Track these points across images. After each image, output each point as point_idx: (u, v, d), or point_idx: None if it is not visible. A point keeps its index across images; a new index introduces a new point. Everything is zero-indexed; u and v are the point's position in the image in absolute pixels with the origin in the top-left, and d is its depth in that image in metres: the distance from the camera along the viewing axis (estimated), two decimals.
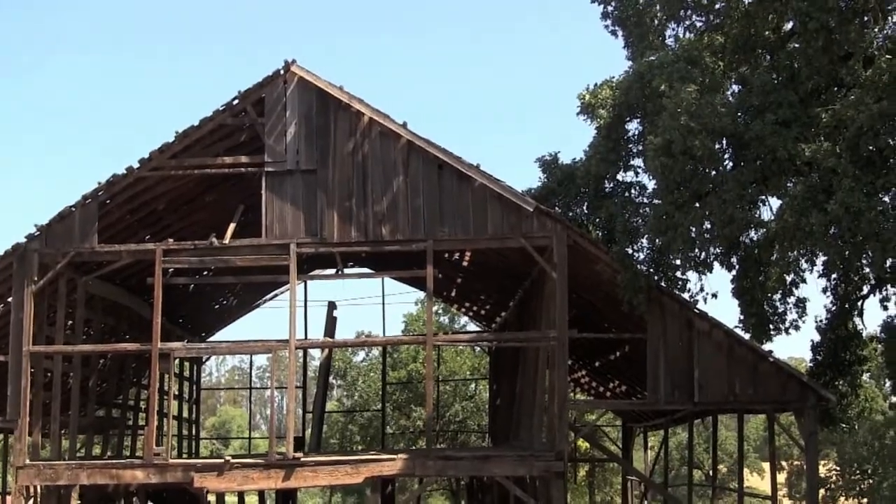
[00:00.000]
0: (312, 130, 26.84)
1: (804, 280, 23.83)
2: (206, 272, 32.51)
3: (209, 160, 27.33)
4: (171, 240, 27.37)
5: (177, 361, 33.78)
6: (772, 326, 24.71)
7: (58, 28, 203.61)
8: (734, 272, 24.23)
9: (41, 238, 26.98)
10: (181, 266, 27.62)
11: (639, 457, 52.03)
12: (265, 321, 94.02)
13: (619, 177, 27.33)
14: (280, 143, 26.81)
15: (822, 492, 28.53)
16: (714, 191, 22.27)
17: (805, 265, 23.37)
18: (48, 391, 28.12)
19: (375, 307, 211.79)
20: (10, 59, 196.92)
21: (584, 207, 28.27)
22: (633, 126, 26.32)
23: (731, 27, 23.85)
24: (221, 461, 26.81)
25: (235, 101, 26.81)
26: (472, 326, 54.79)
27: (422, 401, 55.11)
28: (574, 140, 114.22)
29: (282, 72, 26.86)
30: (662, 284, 25.74)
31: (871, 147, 19.70)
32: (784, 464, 71.13)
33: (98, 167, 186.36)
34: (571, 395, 38.24)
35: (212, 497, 31.76)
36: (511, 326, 37.07)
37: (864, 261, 21.58)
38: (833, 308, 28.45)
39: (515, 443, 31.51)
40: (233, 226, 27.45)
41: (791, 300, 24.56)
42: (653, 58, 24.41)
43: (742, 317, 25.00)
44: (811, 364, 30.37)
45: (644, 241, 25.62)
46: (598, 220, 27.61)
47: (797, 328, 24.71)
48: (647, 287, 25.55)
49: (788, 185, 22.15)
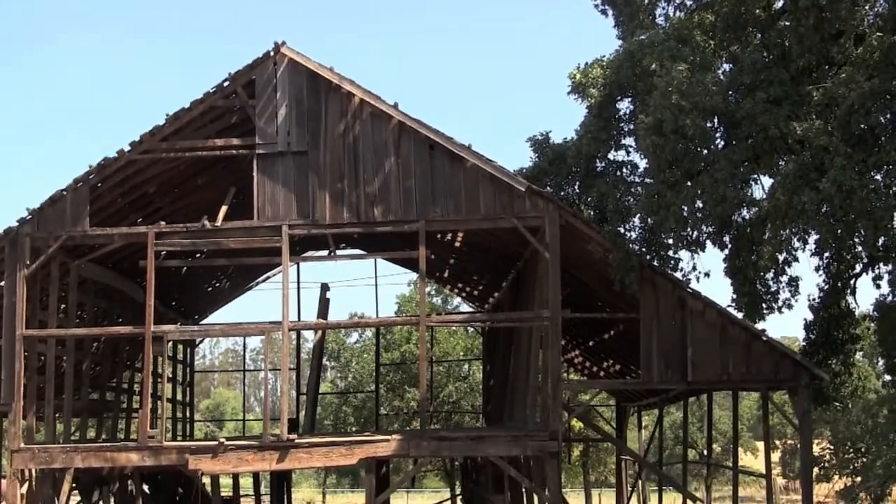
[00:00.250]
0: (303, 112, 26.78)
1: (796, 259, 23.81)
2: (199, 255, 32.50)
3: (200, 143, 27.34)
4: (163, 223, 27.35)
5: (170, 344, 33.83)
6: (764, 305, 24.70)
7: (43, 16, 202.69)
8: (726, 251, 24.22)
9: (33, 222, 26.96)
10: (173, 249, 27.59)
11: (633, 436, 52.14)
12: (258, 303, 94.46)
13: (611, 156, 27.34)
14: (271, 125, 26.75)
15: (816, 470, 28.47)
16: (706, 170, 22.28)
17: (797, 244, 23.36)
18: (42, 375, 28.11)
19: (368, 289, 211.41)
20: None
21: (576, 187, 28.22)
22: (625, 105, 26.32)
23: (722, 5, 23.78)
24: (216, 443, 26.87)
25: (226, 83, 26.74)
26: (465, 307, 54.80)
27: (415, 382, 55.16)
28: (565, 119, 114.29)
29: (272, 53, 26.78)
30: (654, 264, 25.76)
31: (863, 125, 19.70)
32: (777, 443, 71.31)
33: (88, 151, 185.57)
34: (565, 375, 38.25)
35: (206, 479, 31.77)
36: (504, 307, 37.07)
37: (857, 239, 21.58)
38: (826, 287, 28.46)
39: (509, 423, 31.55)
40: (224, 208, 27.44)
41: (783, 279, 24.54)
42: (643, 37, 24.38)
43: (735, 296, 24.99)
44: (804, 343, 30.41)
45: (636, 221, 25.61)
46: (590, 200, 27.56)
47: (790, 307, 24.73)
48: (640, 266, 25.58)
49: (780, 164, 22.16)
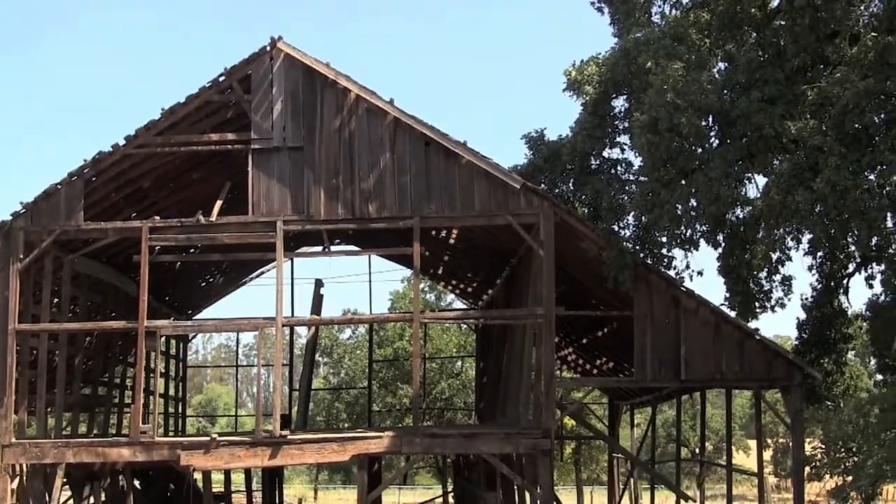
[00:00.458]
0: (299, 107, 26.74)
1: (790, 258, 23.85)
2: (193, 250, 32.45)
3: (195, 137, 27.26)
4: (158, 217, 27.31)
5: (163, 339, 33.75)
6: (757, 304, 24.76)
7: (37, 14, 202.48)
8: (720, 250, 24.25)
9: (27, 216, 26.88)
10: (168, 244, 27.49)
11: (625, 434, 52.20)
12: (251, 299, 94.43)
13: (605, 153, 27.36)
14: (266, 120, 26.72)
15: (807, 469, 28.53)
16: (700, 168, 22.29)
17: (791, 243, 23.42)
18: (34, 369, 28.04)
19: (361, 285, 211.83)
20: None
21: (570, 184, 28.18)
22: (620, 103, 26.35)
23: (718, 4, 23.79)
24: (208, 439, 26.80)
25: (222, 78, 26.69)
26: (458, 304, 54.84)
27: (408, 378, 55.21)
28: (561, 116, 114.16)
29: (268, 48, 26.73)
30: (648, 262, 25.78)
31: (857, 125, 19.74)
32: (769, 441, 71.42)
33: (82, 146, 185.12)
34: (558, 373, 38.29)
35: (198, 475, 31.77)
36: (498, 304, 37.09)
37: (850, 239, 21.64)
38: (819, 286, 28.56)
39: (502, 420, 31.57)
40: (219, 203, 27.38)
41: (777, 278, 24.59)
42: (639, 34, 24.40)
43: (728, 294, 25.03)
44: (797, 342, 30.50)
45: (630, 219, 25.64)
46: (584, 197, 27.55)
47: (783, 306, 24.81)
48: (633, 264, 25.59)
49: (774, 163, 22.22)
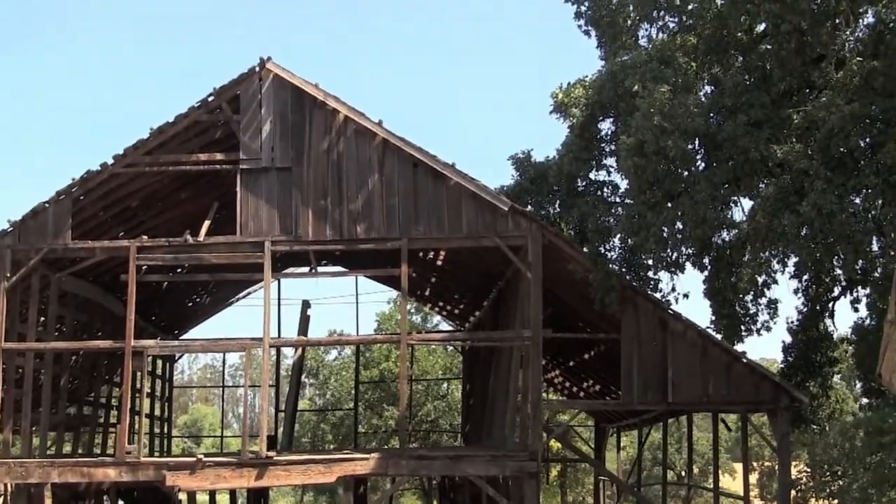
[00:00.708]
0: (287, 128, 26.78)
1: (776, 281, 23.92)
2: (181, 269, 32.43)
3: (184, 157, 27.26)
4: (146, 237, 27.28)
5: (149, 359, 33.67)
6: (743, 327, 24.81)
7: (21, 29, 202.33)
8: (706, 273, 24.33)
9: (14, 234, 26.81)
10: (155, 263, 27.49)
11: (611, 457, 52.17)
12: (236, 319, 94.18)
13: (592, 176, 27.43)
14: (255, 141, 26.75)
15: (793, 493, 28.55)
16: (686, 191, 22.38)
17: (777, 266, 23.47)
18: (19, 388, 27.95)
19: (346, 306, 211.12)
20: None
21: (557, 206, 28.26)
22: (606, 125, 26.45)
23: (704, 28, 23.96)
24: (194, 459, 26.66)
25: (211, 98, 26.72)
26: (445, 325, 54.83)
27: (394, 400, 55.17)
28: (547, 138, 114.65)
29: (257, 69, 26.78)
30: (635, 284, 25.84)
31: (843, 148, 19.87)
32: (755, 464, 71.38)
33: (71, 164, 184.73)
34: (545, 395, 38.27)
35: (183, 496, 31.64)
36: (485, 326, 37.09)
37: (836, 262, 21.70)
38: (804, 309, 28.63)
39: (488, 442, 31.53)
40: (207, 223, 27.38)
41: (763, 301, 24.65)
42: (626, 58, 24.51)
43: (714, 317, 25.09)
44: (782, 365, 30.55)
45: (616, 241, 25.70)
46: (571, 219, 27.60)
47: (769, 329, 24.86)
48: (620, 287, 25.63)
49: (760, 186, 22.30)
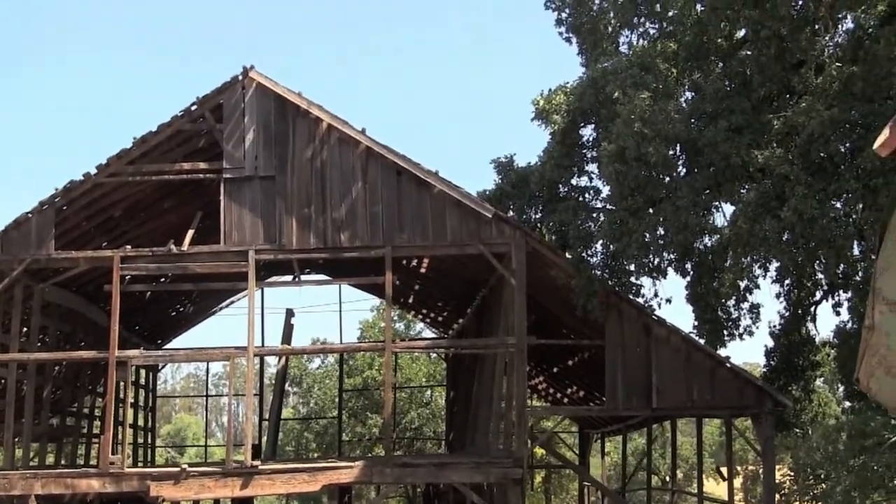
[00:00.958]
0: (271, 137, 26.78)
1: (758, 286, 24.12)
2: (164, 279, 32.37)
3: (167, 166, 27.22)
4: (129, 246, 27.21)
5: (133, 369, 33.59)
6: (726, 332, 24.97)
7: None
8: (688, 278, 24.45)
9: None
10: (139, 273, 27.45)
11: (596, 463, 52.23)
12: (218, 328, 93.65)
13: (574, 181, 27.49)
14: (238, 150, 26.74)
15: (777, 496, 28.68)
16: (668, 197, 22.50)
17: (758, 271, 23.65)
18: (2, 399, 27.87)
19: (329, 314, 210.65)
20: None
21: (538, 211, 28.34)
22: (588, 132, 26.58)
23: (684, 34, 24.11)
24: (178, 469, 26.60)
25: (194, 107, 26.68)
26: (428, 333, 54.80)
27: (377, 408, 55.12)
28: (529, 144, 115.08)
29: (240, 77, 26.77)
30: (617, 289, 25.92)
31: (823, 153, 20.01)
32: (738, 469, 71.54)
33: (54, 173, 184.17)
34: (529, 402, 38.31)
35: None
36: (469, 333, 37.09)
37: (817, 267, 21.89)
38: (786, 314, 28.78)
39: (472, 449, 31.53)
40: (191, 232, 27.34)
41: (745, 306, 24.82)
42: (607, 64, 24.66)
43: (696, 322, 25.23)
44: (765, 369, 30.66)
45: (598, 247, 25.80)
46: (552, 225, 27.66)
47: (751, 334, 25.04)
48: (605, 293, 25.70)
49: (741, 192, 22.43)
